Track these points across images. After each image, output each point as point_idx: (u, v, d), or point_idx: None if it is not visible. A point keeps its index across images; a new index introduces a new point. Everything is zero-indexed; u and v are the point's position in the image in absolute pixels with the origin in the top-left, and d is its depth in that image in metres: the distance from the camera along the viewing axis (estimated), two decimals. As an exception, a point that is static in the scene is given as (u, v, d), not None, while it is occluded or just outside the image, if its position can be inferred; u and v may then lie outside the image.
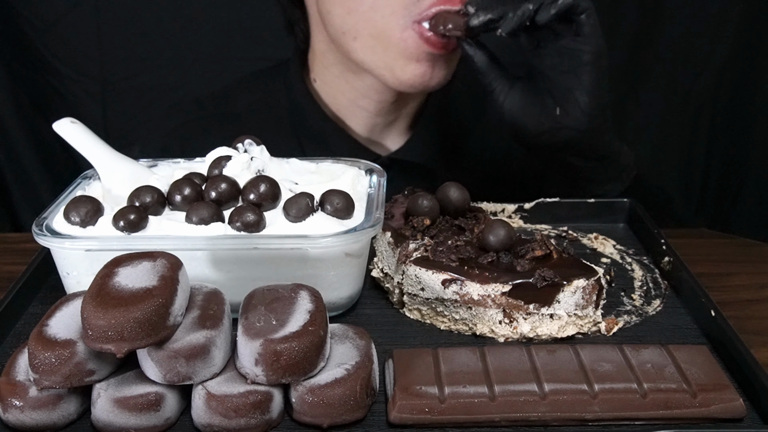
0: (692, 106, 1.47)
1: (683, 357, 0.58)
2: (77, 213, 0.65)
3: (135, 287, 0.53)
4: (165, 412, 0.54)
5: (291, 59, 1.04)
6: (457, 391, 0.55)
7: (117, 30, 1.43)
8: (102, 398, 0.53)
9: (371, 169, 0.77)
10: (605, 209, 0.86)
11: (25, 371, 0.55)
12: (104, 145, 0.73)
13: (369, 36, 0.88)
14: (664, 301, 0.71)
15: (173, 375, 0.53)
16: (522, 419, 0.54)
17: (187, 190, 0.68)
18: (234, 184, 0.69)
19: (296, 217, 0.66)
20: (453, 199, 0.73)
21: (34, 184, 1.52)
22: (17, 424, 0.54)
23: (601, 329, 0.66)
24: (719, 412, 0.54)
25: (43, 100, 1.48)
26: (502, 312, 0.64)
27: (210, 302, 0.57)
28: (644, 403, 0.54)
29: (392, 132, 1.04)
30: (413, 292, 0.67)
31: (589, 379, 0.56)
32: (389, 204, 0.77)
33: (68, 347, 0.53)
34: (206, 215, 0.65)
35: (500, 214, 0.86)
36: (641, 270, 0.76)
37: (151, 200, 0.68)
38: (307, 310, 0.56)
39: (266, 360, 0.53)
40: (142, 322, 0.51)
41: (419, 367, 0.57)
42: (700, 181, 1.52)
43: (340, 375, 0.54)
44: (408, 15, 0.84)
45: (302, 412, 0.54)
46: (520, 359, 0.58)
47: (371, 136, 1.02)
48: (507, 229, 0.67)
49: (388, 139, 1.04)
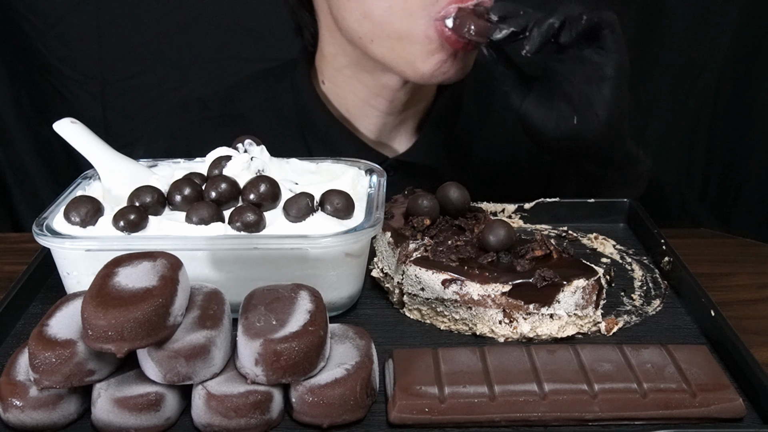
0: (692, 106, 1.47)
1: (683, 357, 0.58)
2: (77, 213, 0.65)
3: (135, 287, 0.53)
4: (165, 412, 0.54)
5: (297, 61, 1.04)
6: (457, 391, 0.55)
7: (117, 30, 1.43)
8: (102, 398, 0.53)
9: (371, 169, 0.77)
10: (605, 209, 0.86)
11: (26, 371, 0.55)
12: (104, 145, 0.73)
13: (387, 38, 0.86)
14: (664, 301, 0.71)
15: (173, 375, 0.53)
16: (522, 419, 0.54)
17: (187, 190, 0.68)
18: (234, 184, 0.69)
19: (296, 217, 0.66)
20: (453, 199, 0.73)
21: (34, 184, 1.52)
22: (17, 424, 0.54)
23: (601, 329, 0.66)
24: (719, 412, 0.54)
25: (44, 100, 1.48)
26: (502, 312, 0.64)
27: (210, 302, 0.57)
28: (644, 403, 0.54)
29: (400, 133, 1.03)
30: (413, 292, 0.67)
31: (589, 379, 0.56)
32: (389, 204, 0.77)
33: (68, 347, 0.53)
34: (206, 215, 0.65)
35: (500, 214, 0.86)
36: (641, 270, 0.76)
37: (151, 200, 0.67)
38: (307, 310, 0.56)
39: (266, 360, 0.53)
40: (142, 322, 0.51)
41: (419, 367, 0.57)
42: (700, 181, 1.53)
43: (340, 375, 0.55)
44: (427, 15, 0.83)
45: (302, 412, 0.54)
46: (520, 359, 0.58)
47: (380, 137, 1.02)
48: (507, 229, 0.67)
49: (396, 141, 1.04)
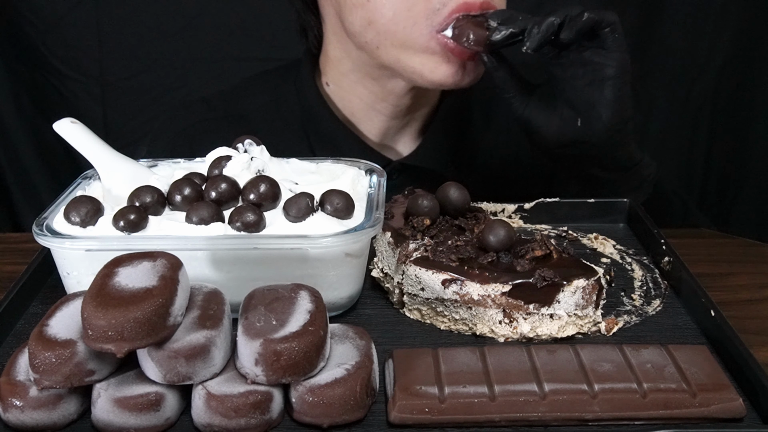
0: (692, 106, 1.47)
1: (683, 357, 0.58)
2: (77, 213, 0.65)
3: (135, 287, 0.53)
4: (165, 412, 0.54)
5: (302, 62, 1.03)
6: (457, 391, 0.55)
7: (117, 30, 1.43)
8: (102, 398, 0.53)
9: (371, 169, 0.77)
10: (605, 209, 0.86)
11: (26, 371, 0.55)
12: (104, 146, 0.73)
13: (392, 46, 0.86)
14: (664, 301, 0.71)
15: (173, 375, 0.53)
16: (522, 419, 0.54)
17: (188, 190, 0.68)
18: (234, 184, 0.69)
19: (296, 217, 0.66)
20: (453, 199, 0.73)
21: (34, 184, 1.52)
22: (17, 424, 0.54)
23: (601, 329, 0.66)
24: (719, 412, 0.54)
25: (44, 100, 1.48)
26: (502, 312, 0.64)
27: (210, 302, 0.57)
28: (644, 403, 0.54)
29: (404, 136, 1.03)
30: (413, 292, 0.67)
31: (589, 379, 0.56)
32: (389, 204, 0.77)
33: (68, 347, 0.53)
34: (206, 215, 0.65)
35: (500, 214, 0.86)
36: (641, 270, 0.76)
37: (151, 200, 0.67)
38: (307, 310, 0.56)
39: (266, 360, 0.53)
40: (142, 322, 0.51)
41: (419, 367, 0.57)
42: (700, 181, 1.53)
43: (340, 375, 0.55)
44: (430, 25, 0.83)
45: (302, 412, 0.54)
46: (520, 359, 0.58)
47: (384, 140, 1.02)
48: (507, 229, 0.67)
49: (400, 144, 1.04)
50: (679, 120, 1.48)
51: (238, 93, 1.08)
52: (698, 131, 1.49)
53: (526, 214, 0.86)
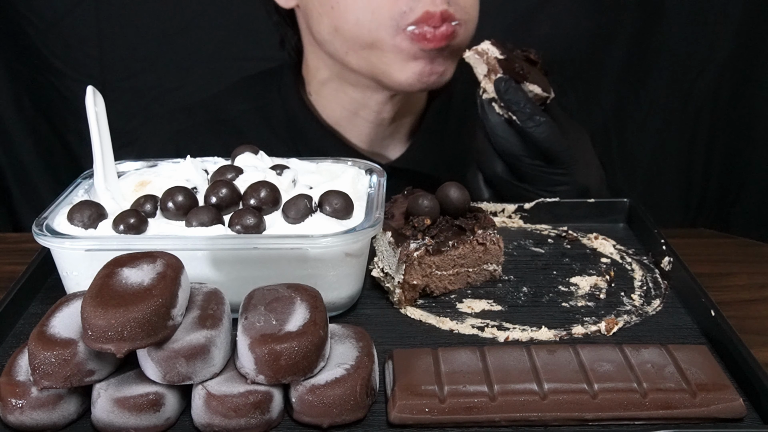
0: (692, 106, 1.47)
1: (683, 357, 0.58)
2: (80, 217, 0.66)
3: (135, 287, 0.53)
4: (165, 412, 0.54)
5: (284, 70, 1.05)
6: (457, 391, 0.55)
7: (117, 30, 1.43)
8: (102, 398, 0.53)
9: (371, 168, 0.77)
10: (605, 209, 0.86)
11: (26, 371, 0.55)
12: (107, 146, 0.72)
13: (360, 49, 0.88)
14: (664, 301, 0.71)
15: (173, 375, 0.53)
16: (522, 419, 0.54)
17: (180, 197, 0.68)
18: (234, 189, 0.69)
19: (295, 219, 0.66)
20: (453, 199, 0.73)
21: (34, 184, 1.51)
22: (17, 424, 0.54)
23: (601, 329, 0.66)
24: (719, 412, 0.54)
25: (44, 100, 1.48)
26: None
27: (210, 302, 0.57)
28: (644, 403, 0.54)
29: (393, 141, 1.04)
30: None
31: (589, 379, 0.56)
32: (389, 204, 0.77)
33: (68, 347, 0.53)
34: (206, 220, 0.65)
35: (500, 214, 0.86)
36: (641, 270, 0.76)
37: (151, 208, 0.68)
38: (307, 310, 0.56)
39: (266, 360, 0.53)
40: (142, 322, 0.51)
41: (419, 367, 0.57)
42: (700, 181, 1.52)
43: (340, 375, 0.55)
44: (395, 26, 0.85)
45: (302, 412, 0.54)
46: (520, 359, 0.58)
47: (372, 147, 1.03)
48: None
49: (389, 148, 1.04)
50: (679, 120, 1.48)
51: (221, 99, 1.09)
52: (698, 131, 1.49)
53: (526, 214, 0.86)
